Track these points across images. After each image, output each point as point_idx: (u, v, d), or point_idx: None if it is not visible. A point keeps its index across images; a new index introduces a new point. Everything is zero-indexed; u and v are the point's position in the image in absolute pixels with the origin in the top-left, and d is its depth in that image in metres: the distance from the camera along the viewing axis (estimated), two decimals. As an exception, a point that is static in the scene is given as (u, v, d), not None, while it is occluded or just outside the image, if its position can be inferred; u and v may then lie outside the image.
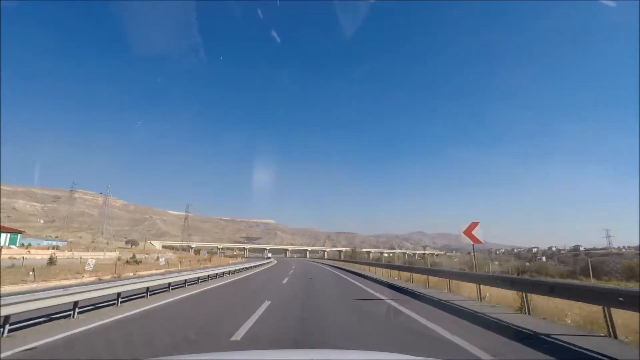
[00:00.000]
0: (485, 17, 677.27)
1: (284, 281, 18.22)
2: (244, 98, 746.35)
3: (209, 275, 16.79)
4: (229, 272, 21.63)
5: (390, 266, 24.45)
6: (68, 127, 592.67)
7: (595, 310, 6.30)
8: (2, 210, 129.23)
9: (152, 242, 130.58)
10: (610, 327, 5.63)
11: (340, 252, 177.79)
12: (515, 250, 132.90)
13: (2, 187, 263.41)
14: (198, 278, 15.36)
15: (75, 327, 6.32)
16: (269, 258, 67.97)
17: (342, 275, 24.94)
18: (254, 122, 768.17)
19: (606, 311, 5.69)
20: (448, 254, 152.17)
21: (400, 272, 20.39)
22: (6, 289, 12.58)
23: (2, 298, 5.62)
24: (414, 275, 17.09)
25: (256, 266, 32.84)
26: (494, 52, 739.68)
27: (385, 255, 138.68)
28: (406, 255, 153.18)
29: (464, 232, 12.03)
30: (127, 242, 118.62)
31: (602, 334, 5.80)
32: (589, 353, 4.87)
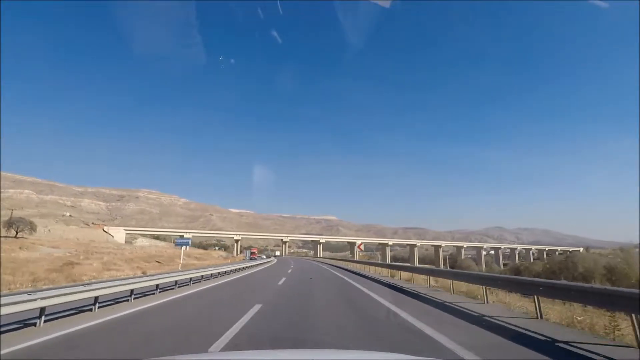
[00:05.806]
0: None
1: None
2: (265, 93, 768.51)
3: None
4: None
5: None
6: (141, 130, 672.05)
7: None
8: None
9: (108, 228, 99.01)
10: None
11: (439, 246, 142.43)
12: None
13: (73, 188, 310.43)
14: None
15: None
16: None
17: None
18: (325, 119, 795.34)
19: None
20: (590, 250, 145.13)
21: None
22: None
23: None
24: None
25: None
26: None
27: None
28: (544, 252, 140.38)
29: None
30: (6, 225, 61.21)
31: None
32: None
